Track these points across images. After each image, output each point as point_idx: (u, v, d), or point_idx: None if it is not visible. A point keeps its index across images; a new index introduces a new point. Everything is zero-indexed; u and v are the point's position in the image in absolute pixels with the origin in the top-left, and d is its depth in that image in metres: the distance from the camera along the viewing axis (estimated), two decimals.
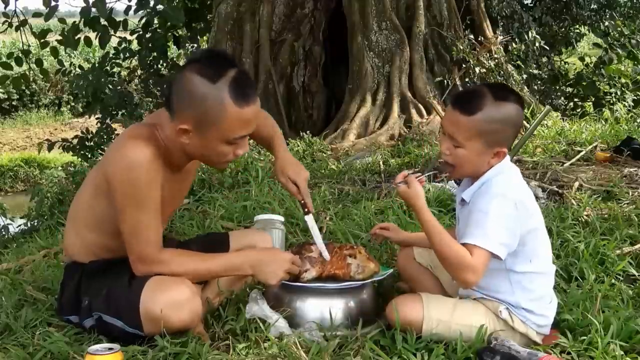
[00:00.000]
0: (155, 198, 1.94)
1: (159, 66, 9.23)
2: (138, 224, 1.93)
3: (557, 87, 9.33)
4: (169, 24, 8.30)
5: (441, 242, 1.88)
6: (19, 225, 6.13)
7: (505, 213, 1.86)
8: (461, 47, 6.96)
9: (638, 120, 7.24)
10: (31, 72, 8.68)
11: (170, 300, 1.89)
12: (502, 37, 7.81)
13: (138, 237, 1.94)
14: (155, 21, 8.44)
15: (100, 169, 2.04)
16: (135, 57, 9.19)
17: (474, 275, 1.84)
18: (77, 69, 9.15)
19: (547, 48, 8.89)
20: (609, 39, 9.50)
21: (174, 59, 9.87)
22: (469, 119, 1.89)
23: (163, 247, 2.00)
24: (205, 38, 9.53)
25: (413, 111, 6.59)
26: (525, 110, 6.70)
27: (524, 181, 2.02)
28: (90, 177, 2.15)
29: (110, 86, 8.57)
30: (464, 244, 1.87)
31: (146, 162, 1.88)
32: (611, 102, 8.54)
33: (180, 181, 2.12)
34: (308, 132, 6.42)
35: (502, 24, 8.57)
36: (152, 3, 7.90)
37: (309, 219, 2.24)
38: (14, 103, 17.57)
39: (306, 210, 2.25)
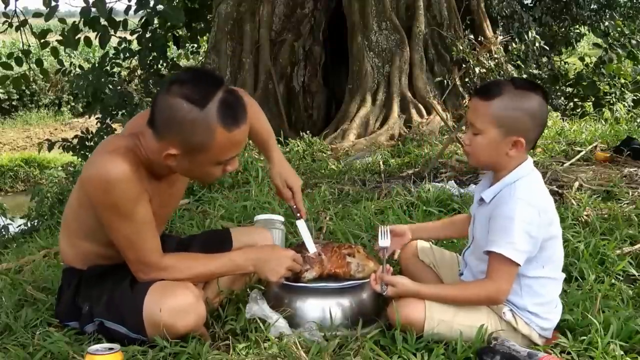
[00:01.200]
0: (143, 209, 1.89)
1: (159, 66, 9.23)
2: (132, 237, 1.90)
3: (557, 87, 9.33)
4: (169, 24, 8.29)
5: (459, 298, 1.95)
6: (19, 225, 6.14)
7: (529, 220, 1.85)
8: (461, 47, 6.96)
9: (638, 120, 7.25)
10: (31, 72, 8.68)
11: (175, 306, 1.87)
12: (502, 37, 7.81)
13: (135, 249, 1.92)
14: (155, 21, 8.44)
15: (81, 183, 1.99)
16: (135, 57, 9.18)
17: (504, 293, 1.90)
18: (77, 69, 9.15)
19: (547, 48, 8.89)
20: (609, 39, 9.50)
21: (174, 59, 9.87)
22: (487, 104, 1.89)
23: (163, 253, 1.97)
24: (205, 38, 9.53)
25: (413, 111, 6.60)
26: None
27: (545, 187, 2.01)
28: (75, 188, 2.10)
29: (110, 86, 8.56)
30: (489, 252, 1.88)
31: (125, 179, 1.81)
32: (611, 102, 8.54)
33: (169, 188, 2.05)
34: (308, 132, 6.43)
35: (502, 24, 8.58)
36: (152, 3, 7.89)
37: (301, 224, 2.24)
38: (14, 103, 17.57)
39: (299, 215, 2.25)
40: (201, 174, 1.94)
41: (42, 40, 7.67)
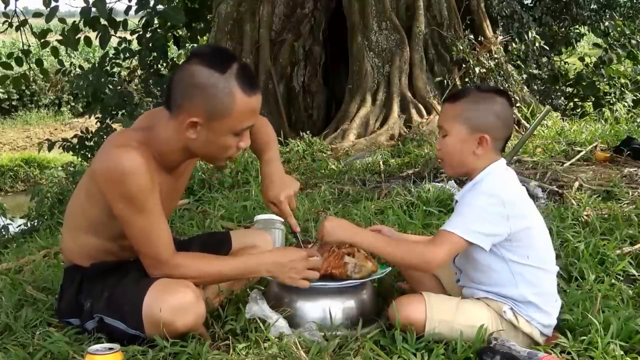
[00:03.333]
0: (156, 201, 1.91)
1: (159, 66, 9.24)
2: (146, 230, 1.91)
3: (557, 87, 9.34)
4: (169, 24, 8.30)
5: (390, 250, 1.99)
6: (19, 225, 6.15)
7: (488, 207, 1.90)
8: (461, 47, 6.96)
9: (638, 120, 7.24)
10: (31, 72, 8.69)
11: (175, 304, 1.87)
12: (502, 37, 7.81)
13: (149, 242, 1.92)
14: (155, 21, 8.44)
15: (91, 176, 1.99)
16: (135, 57, 9.19)
17: (436, 260, 1.92)
18: (77, 69, 9.15)
19: (547, 48, 8.89)
20: (609, 39, 9.51)
21: (174, 59, 9.87)
22: (453, 105, 2.03)
23: (176, 251, 1.98)
24: (205, 38, 9.53)
25: (413, 111, 6.60)
26: (525, 110, 6.71)
27: (519, 183, 2.03)
28: (82, 182, 2.11)
29: (110, 86, 8.57)
30: (441, 231, 1.94)
31: (139, 170, 1.84)
32: (611, 102, 8.54)
33: (175, 181, 2.09)
34: (308, 132, 6.42)
35: (502, 24, 8.58)
36: (152, 3, 7.90)
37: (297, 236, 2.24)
38: (14, 103, 17.57)
39: (291, 231, 2.24)
40: (218, 148, 1.94)
41: (42, 40, 7.68)
